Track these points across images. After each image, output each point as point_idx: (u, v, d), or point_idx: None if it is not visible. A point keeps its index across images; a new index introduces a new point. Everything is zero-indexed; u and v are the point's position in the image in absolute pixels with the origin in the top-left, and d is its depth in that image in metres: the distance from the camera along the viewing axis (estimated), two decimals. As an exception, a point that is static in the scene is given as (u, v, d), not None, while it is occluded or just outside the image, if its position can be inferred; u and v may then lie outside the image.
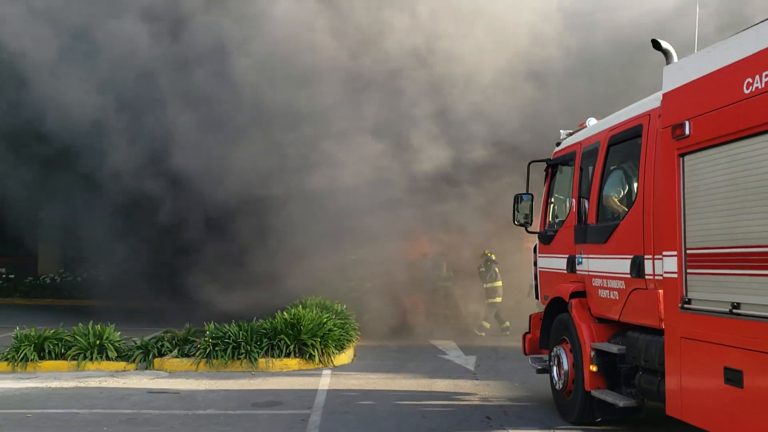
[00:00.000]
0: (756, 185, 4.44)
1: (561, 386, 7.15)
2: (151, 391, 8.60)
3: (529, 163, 8.11)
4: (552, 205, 8.12)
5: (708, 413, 4.91)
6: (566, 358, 7.06)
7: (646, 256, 5.87)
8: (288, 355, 10.13)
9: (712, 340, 4.80)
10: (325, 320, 10.64)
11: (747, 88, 4.50)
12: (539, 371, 7.82)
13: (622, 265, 6.17)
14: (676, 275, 5.19)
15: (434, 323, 14.66)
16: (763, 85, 4.36)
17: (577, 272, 7.05)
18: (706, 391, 4.96)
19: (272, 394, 8.54)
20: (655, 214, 5.70)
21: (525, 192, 8.15)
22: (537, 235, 8.23)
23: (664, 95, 5.53)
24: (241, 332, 10.15)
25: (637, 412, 6.41)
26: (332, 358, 10.36)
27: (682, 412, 5.21)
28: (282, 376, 9.71)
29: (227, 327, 10.26)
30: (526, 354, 8.20)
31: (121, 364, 9.94)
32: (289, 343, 10.13)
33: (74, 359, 9.90)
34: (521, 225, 8.20)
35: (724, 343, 4.66)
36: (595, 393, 6.48)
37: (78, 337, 10.06)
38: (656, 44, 5.90)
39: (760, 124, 4.36)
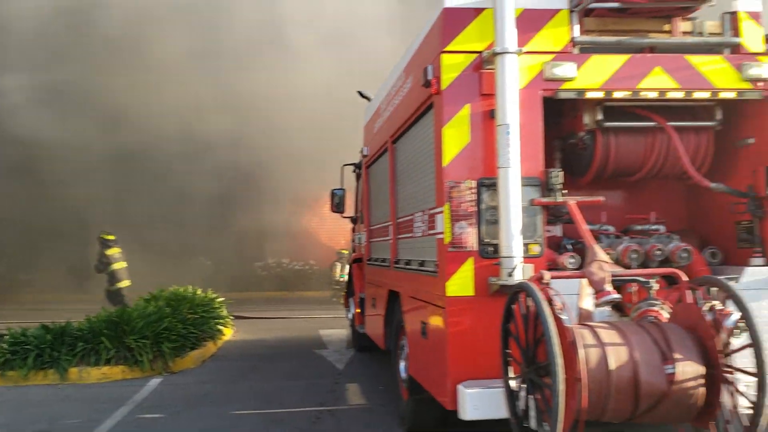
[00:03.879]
0: (379, 186, 7.21)
1: (350, 326, 10.17)
2: None
3: (342, 166, 10.09)
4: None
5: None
6: (353, 305, 9.64)
7: (363, 233, 8.42)
8: (109, 362, 8.13)
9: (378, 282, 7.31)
10: (163, 317, 8.64)
11: (375, 129, 7.28)
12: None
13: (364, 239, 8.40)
14: (365, 243, 8.16)
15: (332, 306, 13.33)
16: (376, 131, 7.23)
17: (360, 244, 8.99)
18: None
19: (54, 417, 6.56)
20: (364, 207, 8.35)
21: (339, 188, 10.36)
22: (350, 219, 10.43)
23: (364, 128, 8.32)
24: (47, 336, 8.12)
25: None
26: (170, 362, 8.35)
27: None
28: (97, 388, 7.71)
29: (33, 330, 8.24)
30: (345, 307, 11.06)
31: None
32: (110, 347, 8.11)
33: None
34: (337, 212, 10.53)
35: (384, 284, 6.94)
36: (357, 328, 9.09)
37: None
38: (360, 94, 8.74)
39: (379, 150, 6.99)
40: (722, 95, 4.63)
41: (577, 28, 4.65)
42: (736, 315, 4.10)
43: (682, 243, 4.76)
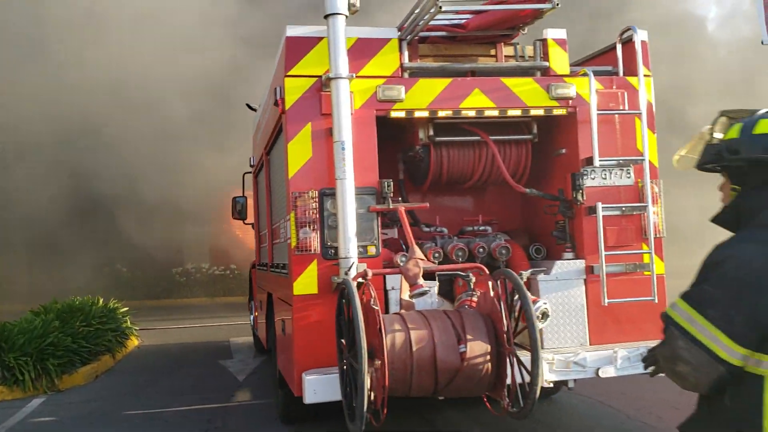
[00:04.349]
0: (262, 195, 7.75)
1: (252, 330, 10.93)
2: None
3: (244, 174, 10.32)
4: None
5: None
6: (253, 309, 10.47)
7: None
8: (-14, 382, 7.74)
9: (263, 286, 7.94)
10: (49, 331, 8.45)
11: (257, 140, 7.89)
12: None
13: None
14: (255, 248, 9.07)
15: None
16: (257, 142, 7.87)
17: None
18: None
19: None
20: (254, 214, 8.94)
21: (240, 195, 10.76)
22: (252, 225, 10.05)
23: (252, 137, 8.74)
24: None
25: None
26: (57, 380, 8.06)
27: None
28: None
29: None
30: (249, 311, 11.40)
31: None
32: (-15, 366, 7.74)
33: None
34: (239, 219, 10.87)
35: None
36: (256, 331, 9.78)
37: None
38: (248, 106, 9.22)
39: (259, 161, 7.63)
40: (533, 112, 5.35)
41: (406, 55, 5.27)
42: (540, 302, 4.83)
43: (503, 241, 5.46)
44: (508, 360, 4.12)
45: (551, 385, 5.07)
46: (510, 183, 5.55)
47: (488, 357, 4.07)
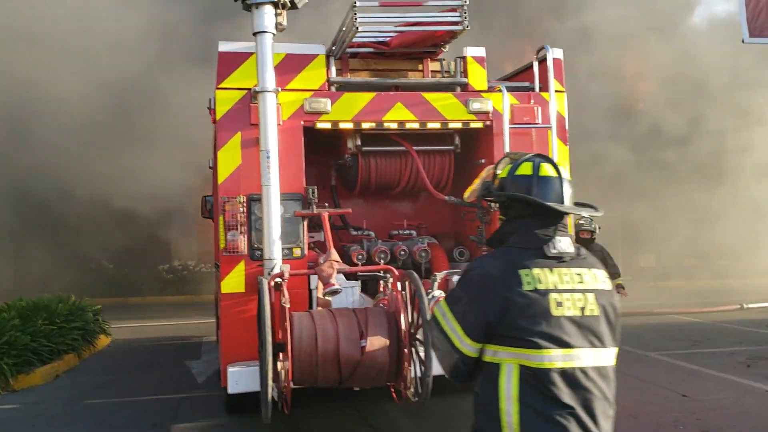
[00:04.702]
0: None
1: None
2: None
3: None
4: None
5: None
6: None
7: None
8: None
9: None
10: (5, 330, 8.25)
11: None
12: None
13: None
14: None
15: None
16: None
17: None
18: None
19: None
20: None
21: (209, 194, 9.72)
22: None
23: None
24: None
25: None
26: (11, 380, 7.71)
27: None
28: None
29: None
30: None
31: None
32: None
33: None
34: (208, 218, 9.81)
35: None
36: None
37: None
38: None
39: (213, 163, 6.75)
40: (452, 126, 5.74)
41: (333, 70, 5.66)
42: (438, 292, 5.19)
43: (425, 244, 5.85)
44: (405, 354, 4.50)
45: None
46: (430, 191, 5.94)
47: (387, 351, 4.44)
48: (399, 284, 4.79)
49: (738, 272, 19.16)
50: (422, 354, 4.47)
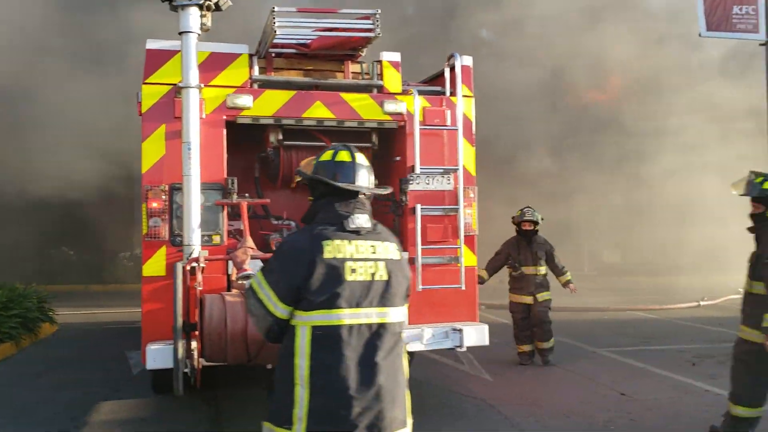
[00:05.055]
0: None
1: None
2: None
3: None
4: None
5: None
6: None
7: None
8: None
9: None
10: None
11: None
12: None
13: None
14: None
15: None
16: None
17: None
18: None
19: None
20: None
21: None
22: None
23: None
24: None
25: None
26: None
27: None
28: None
29: None
30: None
31: None
32: None
33: None
34: None
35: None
36: None
37: None
38: None
39: None
40: (367, 124, 6.16)
41: (257, 68, 6.00)
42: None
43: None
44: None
45: None
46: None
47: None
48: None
49: (703, 269, 19.33)
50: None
